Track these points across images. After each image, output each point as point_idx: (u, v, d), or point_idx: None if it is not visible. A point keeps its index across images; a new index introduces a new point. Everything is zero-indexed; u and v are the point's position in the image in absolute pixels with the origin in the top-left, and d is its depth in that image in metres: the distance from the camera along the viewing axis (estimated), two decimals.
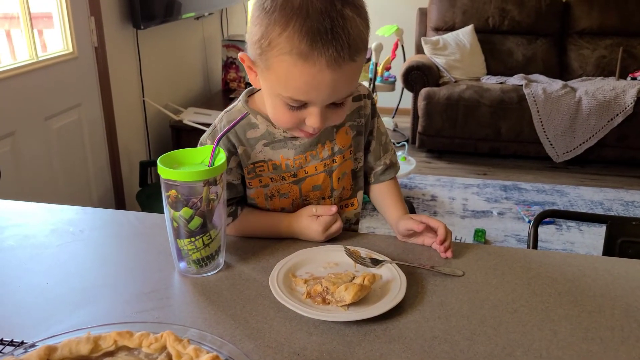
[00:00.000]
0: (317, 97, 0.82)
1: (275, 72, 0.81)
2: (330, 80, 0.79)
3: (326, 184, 1.01)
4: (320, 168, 1.00)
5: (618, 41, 4.07)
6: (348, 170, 1.04)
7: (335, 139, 1.00)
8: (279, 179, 0.99)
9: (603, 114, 3.54)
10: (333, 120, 0.89)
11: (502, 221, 2.95)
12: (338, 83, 0.80)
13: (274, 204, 1.01)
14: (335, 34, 0.76)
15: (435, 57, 4.05)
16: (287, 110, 0.85)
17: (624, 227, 1.17)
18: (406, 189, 3.34)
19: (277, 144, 0.97)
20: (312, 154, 0.98)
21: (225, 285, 0.84)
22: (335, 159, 1.00)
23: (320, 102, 0.83)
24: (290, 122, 0.87)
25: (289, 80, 0.81)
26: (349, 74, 0.81)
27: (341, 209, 1.06)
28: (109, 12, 2.53)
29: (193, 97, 3.51)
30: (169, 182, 0.81)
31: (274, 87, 0.84)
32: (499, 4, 4.20)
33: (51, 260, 0.91)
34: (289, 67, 0.79)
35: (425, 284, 0.85)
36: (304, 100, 0.83)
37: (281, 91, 0.83)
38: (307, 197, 1.02)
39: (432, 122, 3.76)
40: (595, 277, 0.88)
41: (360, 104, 1.03)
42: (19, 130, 2.08)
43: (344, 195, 1.06)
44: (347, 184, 1.05)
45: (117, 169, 2.70)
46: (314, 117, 0.84)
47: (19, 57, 2.16)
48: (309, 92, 0.81)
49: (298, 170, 0.98)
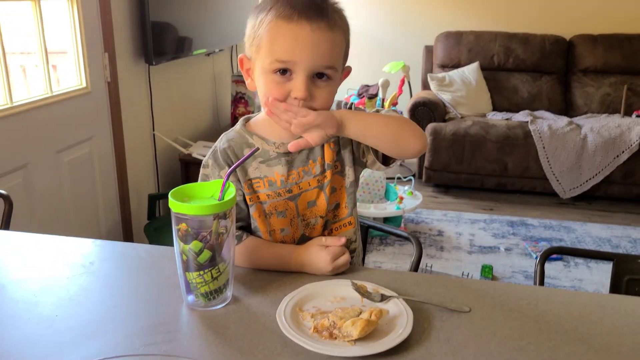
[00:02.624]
0: (301, 55, 0.90)
1: (264, 44, 0.92)
2: (310, 39, 0.90)
3: (321, 200, 1.04)
4: (313, 184, 1.03)
5: (622, 79, 4.11)
6: (338, 185, 1.06)
7: (324, 155, 1.03)
8: (274, 195, 1.02)
9: (609, 150, 3.56)
10: (319, 99, 0.94)
11: (510, 257, 2.94)
12: (319, 44, 0.91)
13: (273, 223, 1.04)
14: (313, 2, 0.91)
15: (442, 93, 4.10)
16: (275, 84, 0.93)
17: (631, 265, 1.17)
18: (413, 224, 3.34)
19: (272, 161, 1.02)
20: (304, 169, 1.02)
21: (232, 318, 0.85)
22: (326, 174, 1.03)
23: (304, 64, 0.91)
24: (278, 94, 0.93)
25: (275, 42, 0.91)
26: (329, 41, 0.92)
27: (340, 229, 1.08)
28: (122, 48, 2.60)
29: (202, 131, 3.56)
30: (180, 215, 0.83)
31: (264, 63, 0.93)
32: (503, 42, 4.27)
33: (61, 292, 0.92)
34: (275, 30, 0.91)
35: (432, 319, 0.85)
36: (289, 60, 0.91)
37: (269, 59, 0.92)
38: (304, 216, 1.04)
39: (439, 157, 3.79)
40: (602, 315, 0.88)
41: None
42: (31, 162, 2.11)
43: (340, 215, 1.08)
44: (340, 199, 1.07)
45: (126, 202, 2.72)
46: (298, 84, 0.92)
47: (33, 91, 2.21)
48: (293, 51, 0.90)
49: (292, 186, 1.02)
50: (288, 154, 1.01)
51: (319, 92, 0.94)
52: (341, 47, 0.96)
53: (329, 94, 0.95)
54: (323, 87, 0.94)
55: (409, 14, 4.64)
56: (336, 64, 0.95)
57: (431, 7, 4.59)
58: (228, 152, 1.02)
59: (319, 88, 0.94)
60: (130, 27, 2.66)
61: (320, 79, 0.94)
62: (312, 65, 0.92)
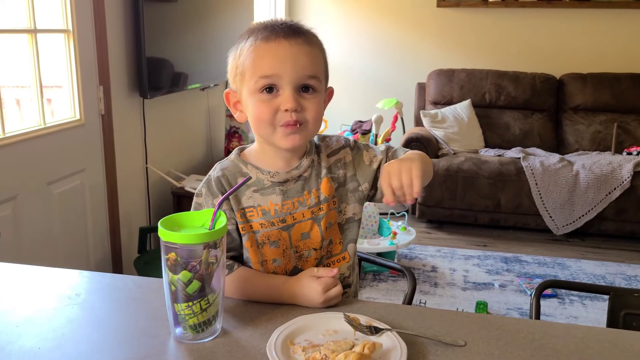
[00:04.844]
0: (283, 68, 0.93)
1: (247, 68, 0.96)
2: (290, 52, 0.94)
3: (315, 232, 1.03)
4: (307, 215, 1.02)
5: (612, 117, 4.16)
6: (334, 220, 1.05)
7: (320, 188, 1.03)
8: (268, 224, 1.01)
9: (601, 187, 3.57)
10: (308, 109, 0.96)
11: (504, 293, 2.91)
12: (298, 56, 0.94)
13: (265, 254, 1.02)
14: (286, 22, 0.97)
15: (434, 129, 4.13)
16: (264, 103, 0.95)
17: (627, 299, 1.15)
18: (406, 259, 3.32)
19: (266, 190, 1.01)
20: (299, 200, 1.02)
21: (221, 352, 0.82)
22: (322, 207, 1.03)
23: (288, 77, 0.93)
24: (268, 112, 0.95)
25: (257, 62, 0.95)
26: (308, 53, 0.96)
27: (334, 264, 1.07)
28: (117, 81, 2.61)
29: (196, 165, 3.56)
30: (169, 244, 0.81)
31: (250, 86, 0.96)
32: (494, 80, 4.34)
33: (45, 324, 0.90)
34: (256, 52, 0.95)
35: (426, 353, 0.83)
36: (273, 74, 0.93)
37: (254, 79, 0.95)
38: (297, 247, 1.03)
39: (432, 192, 3.79)
40: (599, 350, 0.86)
41: (339, 157, 1.07)
42: (21, 194, 2.09)
43: (334, 250, 1.07)
44: (334, 236, 1.06)
45: (116, 235, 2.69)
46: (286, 97, 0.94)
47: (26, 123, 2.21)
48: (275, 65, 0.94)
49: (286, 215, 1.01)
50: (283, 183, 1.01)
51: (307, 103, 0.96)
52: (320, 60, 0.99)
53: (317, 105, 0.97)
54: (310, 99, 0.96)
55: (401, 52, 4.72)
56: (319, 74, 0.97)
57: (423, 45, 4.68)
58: (222, 181, 1.02)
59: (306, 100, 0.96)
60: (126, 61, 2.68)
61: (307, 92, 0.96)
62: (296, 77, 0.94)
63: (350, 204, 1.07)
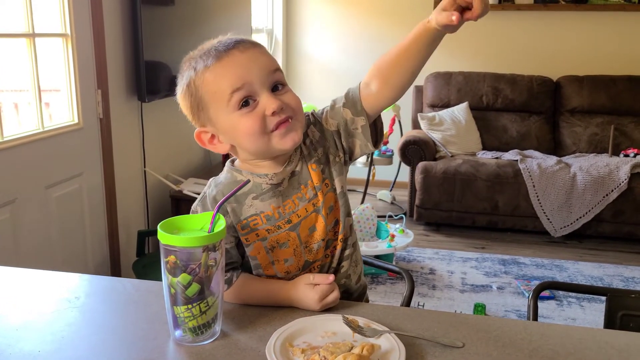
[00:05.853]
0: (249, 72, 0.92)
1: (210, 96, 0.94)
2: (247, 58, 0.93)
3: (319, 223, 1.02)
4: (310, 208, 1.01)
5: (609, 119, 4.18)
6: (333, 202, 1.03)
7: (311, 176, 1.01)
8: (274, 229, 1.00)
9: (598, 189, 3.58)
10: (290, 101, 0.95)
11: (502, 296, 2.91)
12: (256, 59, 0.94)
13: (277, 256, 1.01)
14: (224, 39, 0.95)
15: (432, 132, 4.14)
16: (247, 116, 0.93)
17: (624, 300, 1.16)
18: (404, 262, 3.32)
19: (265, 195, 0.99)
20: (298, 196, 1.01)
21: (220, 354, 0.82)
22: (318, 194, 1.01)
23: (258, 79, 0.92)
24: (257, 123, 0.93)
25: (221, 82, 0.92)
26: (261, 53, 0.96)
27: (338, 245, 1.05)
28: (115, 85, 2.61)
29: (194, 168, 3.56)
30: (168, 247, 0.81)
31: (226, 109, 0.93)
32: (492, 82, 4.35)
33: (45, 328, 0.90)
34: (215, 75, 0.93)
35: (424, 354, 0.83)
36: (244, 83, 0.92)
37: (225, 99, 0.92)
38: (307, 243, 1.01)
39: (430, 195, 3.79)
40: (597, 350, 0.86)
41: (310, 138, 1.03)
42: (20, 198, 2.09)
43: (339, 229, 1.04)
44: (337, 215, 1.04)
45: (114, 238, 2.69)
46: (266, 100, 0.93)
47: (24, 127, 2.21)
48: (240, 74, 0.92)
49: (291, 215, 1.00)
50: (278, 185, 1.00)
51: (286, 97, 0.96)
52: (269, 54, 0.98)
53: (293, 94, 0.97)
54: (285, 93, 0.96)
55: None
56: (279, 67, 0.98)
57: None
58: (217, 199, 0.98)
59: (283, 95, 0.96)
60: (124, 65, 2.68)
61: (279, 90, 0.96)
62: (265, 76, 0.94)
63: (335, 178, 1.04)
